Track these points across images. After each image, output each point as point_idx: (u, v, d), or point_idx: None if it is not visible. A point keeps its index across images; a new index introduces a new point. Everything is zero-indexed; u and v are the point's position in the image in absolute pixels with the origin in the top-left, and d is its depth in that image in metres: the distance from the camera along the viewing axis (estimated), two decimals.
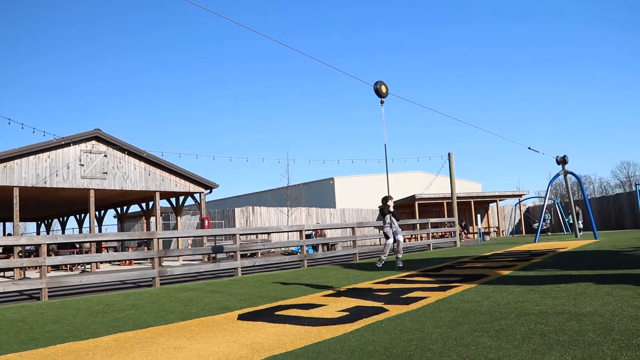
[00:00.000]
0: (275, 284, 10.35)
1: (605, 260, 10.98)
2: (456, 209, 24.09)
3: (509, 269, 10.19)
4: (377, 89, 13.22)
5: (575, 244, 17.75)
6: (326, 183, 44.94)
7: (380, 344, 4.49)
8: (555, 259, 12.14)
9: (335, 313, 6.27)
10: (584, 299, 5.90)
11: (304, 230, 16.08)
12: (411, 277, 10.15)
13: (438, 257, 16.27)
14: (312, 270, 13.55)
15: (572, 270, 9.11)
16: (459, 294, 7.16)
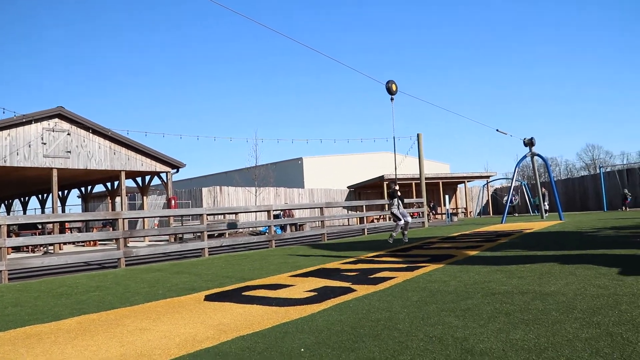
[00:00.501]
0: (242, 265, 10.32)
1: (569, 241, 11.27)
2: (425, 189, 24.36)
3: (476, 250, 10.37)
4: (389, 87, 15.12)
5: (541, 225, 18.16)
6: (295, 163, 44.86)
7: (348, 323, 4.52)
8: (521, 240, 12.41)
9: (303, 293, 6.29)
10: (549, 279, 6.04)
11: (272, 210, 16.05)
12: (379, 257, 10.25)
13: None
14: (280, 251, 13.56)
15: (538, 251, 9.33)
16: (427, 274, 7.26)
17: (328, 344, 3.92)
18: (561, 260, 7.70)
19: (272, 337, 4.25)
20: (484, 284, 6.06)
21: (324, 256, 11.18)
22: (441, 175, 37.73)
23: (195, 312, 5.55)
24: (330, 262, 9.87)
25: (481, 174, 39.42)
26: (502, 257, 8.74)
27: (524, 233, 14.70)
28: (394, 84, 15.26)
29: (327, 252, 12.33)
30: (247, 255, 12.86)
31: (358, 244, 14.95)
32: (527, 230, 15.60)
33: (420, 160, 24.29)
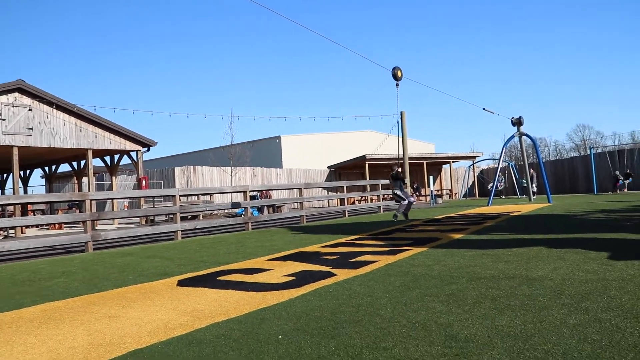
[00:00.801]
0: (217, 248, 10.29)
1: (558, 224, 11.43)
2: (408, 170, 24.45)
3: (461, 233, 10.47)
4: (394, 73, 16.88)
5: (529, 208, 18.40)
6: (272, 142, 44.69)
7: (328, 309, 4.54)
8: (508, 223, 12.56)
9: (280, 278, 6.29)
10: (536, 263, 6.12)
11: (248, 191, 16.01)
12: (360, 240, 10.29)
13: (388, 220, 16.56)
14: (256, 234, 13.55)
15: (525, 234, 9.44)
16: (410, 257, 7.31)
17: (307, 331, 3.93)
18: (549, 244, 7.81)
19: (248, 324, 4.25)
20: (469, 268, 6.12)
21: (302, 239, 11.20)
22: (425, 155, 37.94)
23: (168, 298, 5.52)
24: (309, 245, 9.89)
25: (467, 155, 39.73)
26: (488, 241, 8.83)
27: (511, 216, 14.88)
28: (399, 70, 16.81)
29: (306, 234, 12.35)
30: (222, 238, 12.83)
31: (338, 226, 15.00)
32: (515, 213, 15.79)
33: (403, 140, 24.32)
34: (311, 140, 45.72)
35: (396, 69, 16.98)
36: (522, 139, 24.76)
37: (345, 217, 19.64)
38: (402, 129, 24.04)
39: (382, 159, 35.43)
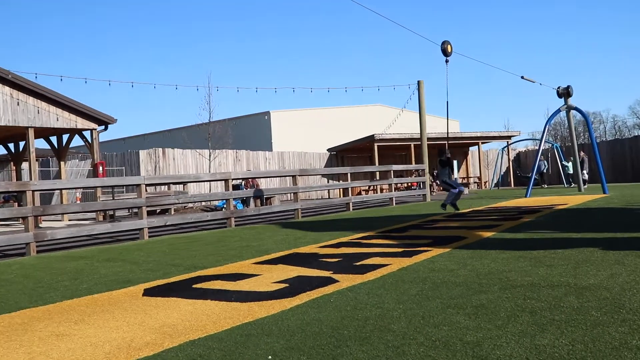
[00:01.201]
0: (193, 249, 10.29)
1: (616, 220, 11.45)
2: (426, 153, 24.48)
3: (492, 230, 10.48)
4: (444, 49, 17.52)
5: (578, 200, 18.39)
6: (260, 119, 44.65)
7: (328, 323, 4.54)
8: (551, 219, 12.57)
9: (270, 285, 6.30)
10: (587, 269, 6.11)
11: (230, 179, 15.99)
12: (368, 239, 10.29)
13: (402, 214, 16.57)
14: (241, 231, 13.54)
15: (573, 233, 9.44)
16: (428, 260, 7.31)
17: (302, 350, 3.93)
18: (604, 244, 7.80)
19: (231, 342, 4.25)
20: (502, 273, 6.12)
21: (297, 238, 11.20)
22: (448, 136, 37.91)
23: (132, 311, 5.52)
24: (305, 245, 9.89)
25: (500, 134, 39.68)
26: (526, 240, 8.84)
27: (555, 210, 14.89)
28: (449, 44, 17.39)
29: (302, 232, 12.36)
30: (199, 236, 12.83)
31: (341, 222, 14.99)
32: (560, 207, 15.81)
33: (421, 116, 24.35)
34: (307, 117, 45.68)
35: (446, 44, 17.44)
36: (571, 114, 24.67)
37: (350, 210, 19.65)
38: (419, 102, 24.02)
39: (395, 140, 35.43)
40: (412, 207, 20.16)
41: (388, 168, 23.42)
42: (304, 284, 6.28)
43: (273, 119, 43.93)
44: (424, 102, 24.10)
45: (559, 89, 23.47)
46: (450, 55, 17.57)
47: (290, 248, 9.63)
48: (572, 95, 23.39)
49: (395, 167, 24.02)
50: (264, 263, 8.09)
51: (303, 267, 7.47)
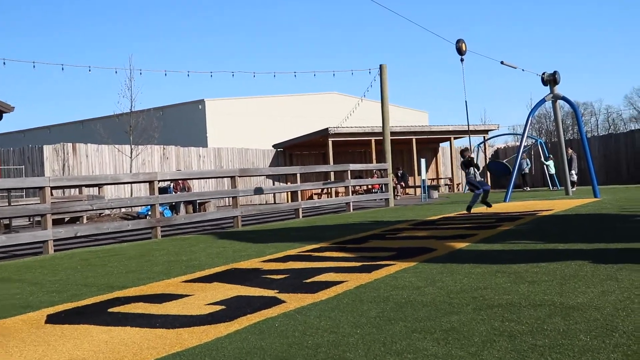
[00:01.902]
0: (110, 265, 10.16)
1: (608, 228, 11.65)
2: (390, 150, 24.63)
3: (465, 240, 10.58)
4: (459, 47, 19.09)
5: (565, 205, 18.65)
6: (192, 108, 44.38)
7: (272, 352, 4.52)
8: (534, 227, 12.74)
9: (203, 307, 6.25)
10: (575, 285, 6.20)
11: (156, 180, 15.84)
12: (320, 251, 10.29)
13: (361, 221, 16.62)
14: (169, 243, 13.43)
15: (559, 243, 9.58)
16: (391, 276, 7.34)
17: None
18: (595, 257, 7.93)
19: None
20: (476, 291, 6.18)
21: (236, 250, 11.14)
22: (416, 129, 38.24)
23: (31, 342, 5.41)
24: (246, 259, 9.85)
25: (476, 128, 40.04)
26: (505, 252, 8.94)
27: (538, 216, 15.10)
28: (463, 43, 18.95)
29: (242, 243, 12.30)
30: (118, 250, 12.67)
31: (289, 231, 14.96)
32: (544, 213, 16.03)
33: (383, 106, 24.49)
34: (249, 107, 45.56)
35: (460, 42, 19.01)
36: (557, 105, 24.96)
37: (299, 218, 19.65)
38: (381, 90, 24.16)
39: (353, 134, 35.55)
40: (373, 213, 20.23)
41: (345, 168, 23.50)
42: (244, 305, 6.25)
43: (208, 108, 43.69)
44: (387, 90, 24.25)
45: (544, 75, 23.71)
46: (464, 54, 19.12)
47: (228, 263, 9.57)
48: (559, 83, 23.65)
49: (353, 167, 24.10)
50: (196, 281, 8.02)
51: (243, 285, 7.42)
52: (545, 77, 23.69)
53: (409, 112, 55.45)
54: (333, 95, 49.60)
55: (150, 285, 7.88)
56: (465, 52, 19.15)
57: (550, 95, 23.79)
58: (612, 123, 79.90)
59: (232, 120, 44.01)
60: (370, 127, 35.41)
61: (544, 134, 69.13)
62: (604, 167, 36.63)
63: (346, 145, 38.56)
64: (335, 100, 48.36)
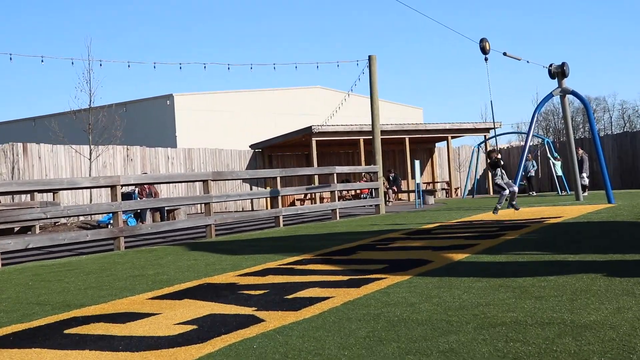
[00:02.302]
0: (67, 281, 10.10)
1: (623, 238, 11.69)
2: (380, 150, 24.65)
3: (464, 251, 10.59)
4: (483, 47, 20.69)
5: (576, 211, 18.69)
6: (160, 104, 44.28)
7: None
8: (541, 236, 12.78)
9: (173, 327, 6.22)
10: (587, 301, 6.19)
11: (119, 185, 15.77)
12: (303, 264, 10.29)
13: (349, 230, 16.62)
14: (133, 255, 13.38)
15: (569, 254, 9.59)
16: (382, 291, 7.34)
17: None
18: (609, 270, 7.94)
19: None
20: (477, 308, 6.18)
21: (209, 263, 11.11)
22: (409, 127, 38.25)
23: None
24: (220, 273, 9.83)
25: (476, 126, 40.12)
26: (509, 264, 8.95)
27: (545, 224, 15.14)
28: (487, 42, 20.63)
29: (216, 256, 12.28)
30: (76, 263, 12.61)
31: (268, 241, 14.94)
32: (552, 220, 16.06)
33: (372, 102, 24.52)
34: (224, 103, 45.49)
35: (484, 41, 20.65)
36: (566, 100, 25.01)
37: (280, 226, 19.62)
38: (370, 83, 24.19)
39: (339, 133, 35.53)
40: (362, 221, 20.23)
41: (330, 170, 23.48)
42: (218, 324, 6.22)
43: (177, 104, 43.59)
44: (377, 84, 24.28)
45: (551, 67, 23.75)
46: (488, 53, 20.69)
47: (200, 277, 9.53)
48: (568, 76, 23.70)
49: (340, 169, 24.10)
50: (164, 298, 7.98)
51: (217, 302, 7.40)
52: (553, 69, 23.75)
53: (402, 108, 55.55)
54: (317, 89, 49.63)
55: (112, 303, 7.83)
56: (489, 51, 20.41)
57: (558, 89, 23.87)
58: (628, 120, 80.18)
59: (204, 117, 43.92)
60: (359, 125, 35.41)
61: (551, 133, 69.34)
62: (618, 169, 36.76)
63: (332, 145, 38.57)
64: (319, 96, 48.39)
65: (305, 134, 35.41)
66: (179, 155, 35.46)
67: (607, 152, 35.51)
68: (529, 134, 25.86)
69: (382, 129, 26.40)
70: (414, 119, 52.99)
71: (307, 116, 44.25)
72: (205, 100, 44.98)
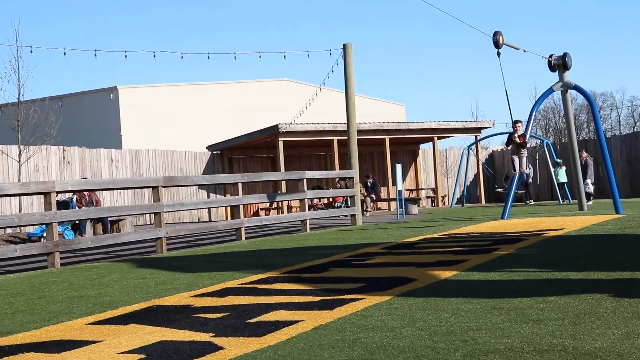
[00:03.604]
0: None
1: (633, 253, 11.75)
2: (356, 153, 24.69)
3: (453, 268, 10.63)
4: (496, 40, 21.01)
5: (579, 223, 18.78)
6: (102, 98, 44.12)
7: None
8: (540, 250, 12.83)
9: (116, 357, 6.20)
10: (592, 325, 6.23)
11: (54, 192, 15.69)
12: (268, 282, 10.28)
13: (320, 244, 16.63)
14: (71, 273, 13.32)
15: (572, 271, 9.65)
16: (359, 314, 7.35)
17: None
18: (616, 289, 7.99)
19: None
20: (467, 333, 6.20)
21: (160, 282, 11.08)
22: (389, 127, 38.34)
23: None
24: (172, 293, 9.81)
25: (465, 125, 40.34)
26: (503, 283, 8.99)
27: (545, 237, 15.21)
28: (501, 35, 21.01)
29: (167, 273, 12.26)
30: (1, 283, 12.53)
31: (228, 257, 14.91)
32: (552, 233, 16.13)
33: (347, 97, 24.55)
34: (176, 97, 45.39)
35: (498, 35, 21.15)
36: (568, 96, 25.12)
37: (241, 239, 19.61)
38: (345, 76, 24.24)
39: (309, 133, 35.54)
40: (336, 234, 20.25)
41: (300, 176, 23.49)
42: (169, 353, 6.20)
43: (122, 98, 43.42)
44: (353, 76, 24.32)
45: (551, 58, 23.83)
46: (501, 47, 21.16)
47: (150, 298, 9.50)
48: (570, 69, 23.81)
49: (311, 174, 24.10)
50: (106, 323, 7.94)
51: (169, 327, 7.37)
52: (553, 60, 23.84)
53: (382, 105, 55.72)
54: (284, 82, 49.67)
55: (45, 330, 7.78)
56: (502, 46, 21.00)
57: (559, 83, 23.98)
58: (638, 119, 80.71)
59: (154, 114, 43.79)
60: (332, 124, 35.47)
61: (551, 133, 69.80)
62: (628, 174, 36.98)
63: (301, 146, 38.63)
64: (287, 89, 48.42)
65: (270, 133, 35.43)
66: (125, 158, 35.31)
67: (614, 155, 35.76)
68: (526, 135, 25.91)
69: (359, 128, 26.45)
70: (395, 117, 53.19)
71: (273, 113, 44.25)
72: (155, 94, 44.87)
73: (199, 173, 37.41)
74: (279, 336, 6.56)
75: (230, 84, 48.11)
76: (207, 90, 46.78)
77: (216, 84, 47.81)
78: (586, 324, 6.28)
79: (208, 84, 47.47)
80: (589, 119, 60.91)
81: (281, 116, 40.15)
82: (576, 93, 24.59)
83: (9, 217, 15.29)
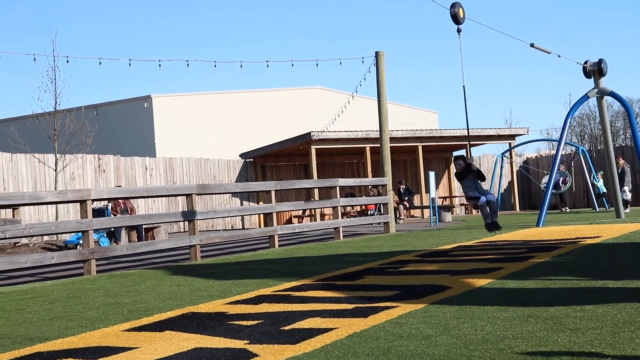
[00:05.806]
0: (29, 311, 10.08)
1: None
2: (389, 160, 24.63)
3: (488, 276, 10.57)
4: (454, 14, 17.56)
5: (616, 230, 18.63)
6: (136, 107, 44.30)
7: None
8: (577, 258, 12.75)
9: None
10: (631, 334, 6.16)
11: (90, 200, 15.77)
12: (302, 290, 10.27)
13: (354, 252, 16.60)
14: (106, 280, 13.38)
15: (609, 280, 9.58)
16: (393, 322, 7.32)
17: None
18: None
19: None
20: (503, 342, 6.16)
21: (194, 290, 11.10)
22: (422, 134, 38.22)
23: None
24: (207, 300, 9.81)
25: (499, 132, 40.10)
26: (539, 291, 8.94)
27: (581, 245, 15.10)
28: (461, 7, 17.56)
29: (202, 281, 12.28)
30: (39, 290, 12.58)
31: (261, 264, 14.92)
32: (589, 241, 16.02)
33: (380, 104, 24.53)
34: (210, 106, 45.49)
35: (457, 7, 17.61)
36: (604, 103, 24.91)
37: (275, 247, 19.61)
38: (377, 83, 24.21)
39: (342, 140, 35.50)
40: (369, 241, 20.20)
41: (332, 183, 23.46)
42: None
43: (156, 107, 43.56)
44: (386, 84, 24.29)
45: (586, 64, 23.62)
46: (462, 23, 17.78)
47: (184, 305, 9.51)
48: (605, 75, 23.61)
49: (343, 182, 24.08)
50: (142, 329, 7.96)
51: (203, 334, 7.38)
52: (589, 66, 23.63)
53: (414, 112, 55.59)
54: (316, 90, 49.65)
55: (82, 336, 7.80)
56: (463, 21, 17.77)
57: (594, 90, 23.78)
58: None
59: (188, 122, 43.89)
60: (365, 132, 35.39)
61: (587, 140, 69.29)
62: None
63: (334, 154, 38.59)
64: (319, 97, 48.41)
65: (303, 141, 35.39)
66: (159, 166, 35.41)
67: None
68: (560, 142, 25.68)
69: (391, 136, 26.41)
70: (428, 124, 53.01)
71: (305, 121, 44.24)
72: (189, 102, 44.98)
73: (232, 181, 37.42)
74: (314, 344, 6.55)
75: (263, 92, 48.16)
76: (239, 99, 46.84)
77: (249, 92, 47.87)
78: (625, 333, 6.22)
79: (241, 92, 47.52)
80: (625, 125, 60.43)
81: (313, 124, 40.17)
82: (612, 99, 24.46)
83: (46, 225, 15.37)
